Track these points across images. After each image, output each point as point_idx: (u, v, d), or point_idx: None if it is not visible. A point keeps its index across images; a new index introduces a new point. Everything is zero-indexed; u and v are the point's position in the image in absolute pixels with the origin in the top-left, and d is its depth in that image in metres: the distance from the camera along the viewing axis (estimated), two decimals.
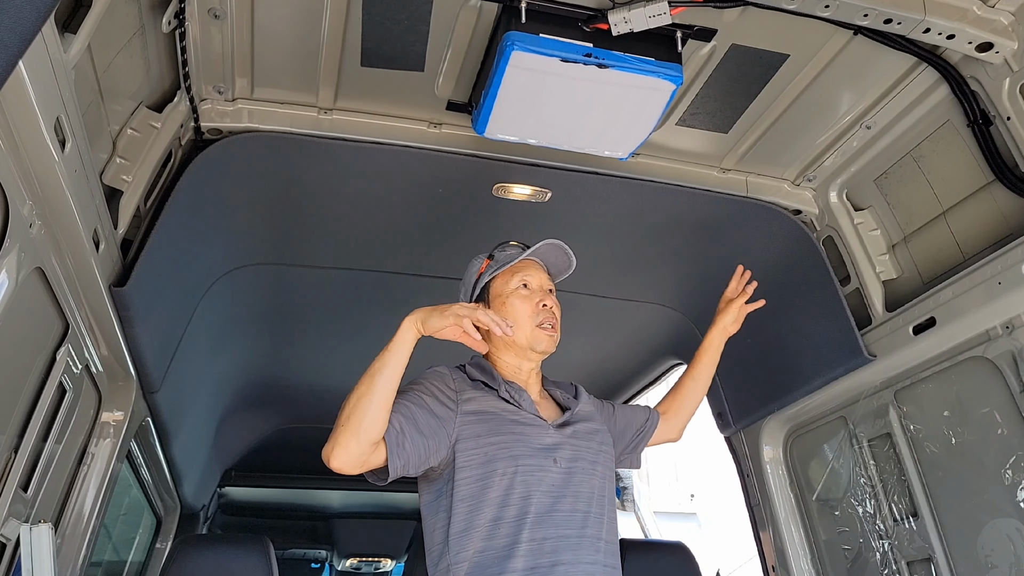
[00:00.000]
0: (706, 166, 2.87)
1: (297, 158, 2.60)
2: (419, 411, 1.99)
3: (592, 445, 2.18)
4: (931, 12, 2.06)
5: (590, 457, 2.14)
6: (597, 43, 2.10)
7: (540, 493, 2.01)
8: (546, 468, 2.04)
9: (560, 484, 2.04)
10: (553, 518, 2.00)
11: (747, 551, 4.21)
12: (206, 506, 5.32)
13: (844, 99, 2.54)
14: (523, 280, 2.23)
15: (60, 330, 2.14)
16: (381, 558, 6.74)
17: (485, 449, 2.01)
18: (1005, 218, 2.37)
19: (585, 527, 2.03)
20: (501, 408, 2.09)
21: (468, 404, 2.08)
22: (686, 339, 3.90)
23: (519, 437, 2.05)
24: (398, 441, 1.92)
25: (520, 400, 2.13)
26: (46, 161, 1.67)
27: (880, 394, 2.91)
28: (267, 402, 4.95)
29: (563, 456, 2.08)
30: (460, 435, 2.02)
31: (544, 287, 2.26)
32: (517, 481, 1.99)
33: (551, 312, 2.21)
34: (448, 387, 2.11)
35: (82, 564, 2.67)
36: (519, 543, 1.94)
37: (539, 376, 2.31)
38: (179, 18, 2.05)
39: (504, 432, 2.04)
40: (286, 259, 3.25)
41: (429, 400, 2.04)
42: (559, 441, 2.10)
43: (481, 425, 2.04)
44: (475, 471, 2.00)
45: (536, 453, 2.04)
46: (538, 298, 2.21)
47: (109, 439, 2.74)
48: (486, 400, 2.11)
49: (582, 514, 2.04)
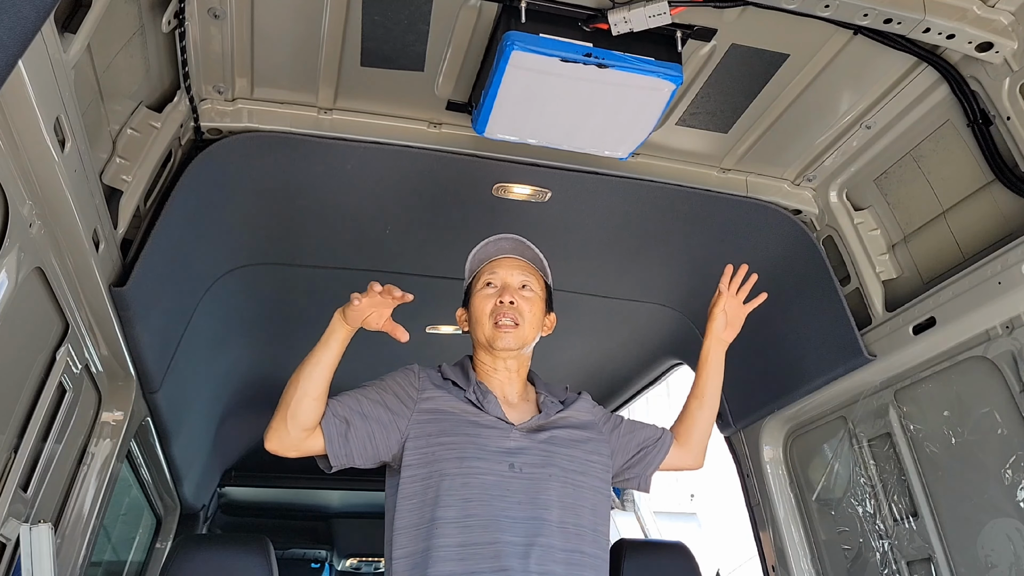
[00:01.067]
0: (706, 166, 2.87)
1: (297, 158, 2.60)
2: (371, 405, 2.05)
3: (575, 453, 2.11)
4: (931, 12, 2.06)
5: (565, 464, 2.07)
6: (597, 43, 2.10)
7: (489, 497, 1.97)
8: (498, 472, 2.00)
9: (515, 489, 2.00)
10: (499, 523, 1.96)
11: (747, 551, 4.21)
12: (206, 506, 5.32)
13: (844, 99, 2.54)
14: (487, 279, 2.23)
15: (60, 330, 2.14)
16: (381, 558, 6.74)
17: (433, 449, 2.02)
18: (1005, 218, 2.37)
19: (539, 535, 1.96)
20: (461, 409, 2.09)
21: (426, 403, 2.09)
22: (686, 339, 3.90)
23: (472, 439, 2.03)
24: (341, 432, 1.99)
25: (484, 402, 2.10)
26: (46, 161, 1.67)
27: (880, 394, 2.91)
28: (267, 402, 4.92)
29: (525, 461, 2.03)
30: (411, 433, 2.04)
31: (511, 284, 2.21)
32: (458, 483, 1.98)
33: (511, 308, 2.16)
34: (411, 384, 2.12)
35: (82, 564, 2.68)
36: (459, 545, 1.93)
37: (521, 377, 2.24)
38: (179, 18, 2.05)
39: (457, 433, 2.04)
40: (286, 259, 3.25)
41: (386, 395, 2.08)
42: (524, 446, 2.06)
43: (433, 425, 2.05)
44: (419, 470, 2.01)
45: (489, 456, 2.02)
46: (498, 296, 2.19)
47: (109, 439, 2.74)
48: (447, 400, 2.11)
49: (539, 521, 1.98)
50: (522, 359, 2.23)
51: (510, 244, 2.28)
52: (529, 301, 2.20)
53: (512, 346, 2.15)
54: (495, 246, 2.28)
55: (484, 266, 2.26)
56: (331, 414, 2.01)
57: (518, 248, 2.28)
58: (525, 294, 2.20)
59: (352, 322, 2.00)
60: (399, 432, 2.04)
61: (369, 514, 6.66)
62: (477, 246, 2.30)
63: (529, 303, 2.20)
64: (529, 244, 2.29)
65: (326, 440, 2.00)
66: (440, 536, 1.94)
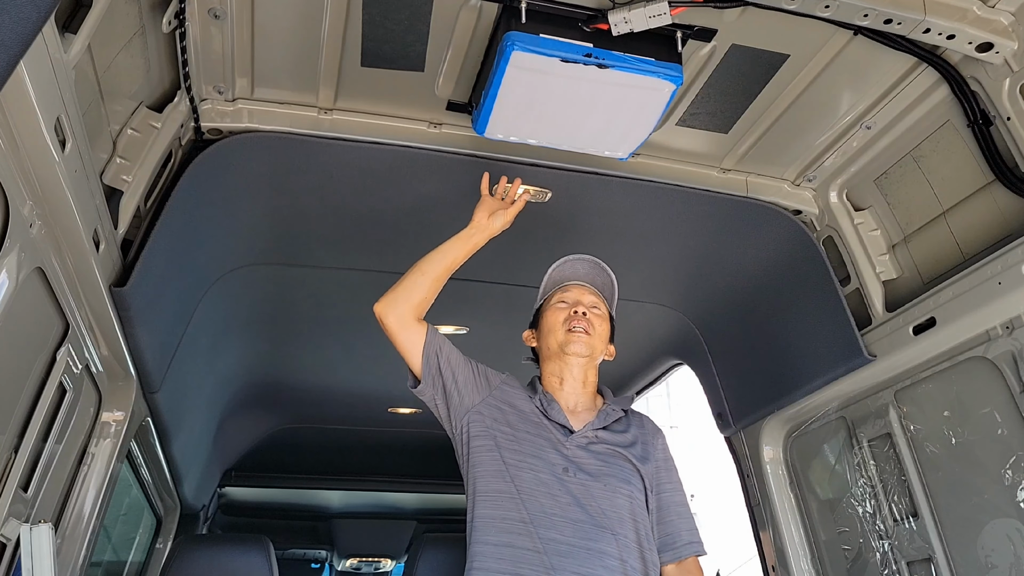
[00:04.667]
0: (706, 166, 2.87)
1: (297, 158, 2.60)
2: (465, 362, 2.32)
3: (627, 466, 2.22)
4: (931, 12, 2.06)
5: (621, 476, 2.19)
6: (597, 43, 2.11)
7: (538, 494, 2.10)
8: (551, 471, 2.13)
9: (570, 493, 2.11)
10: (553, 520, 2.07)
11: (747, 551, 4.21)
12: (206, 506, 5.32)
13: (844, 99, 2.54)
14: (561, 298, 2.43)
15: (60, 330, 2.14)
16: (381, 558, 6.74)
17: (494, 433, 2.21)
18: (1005, 218, 2.37)
19: (595, 541, 2.07)
20: (529, 409, 2.27)
21: (502, 393, 2.31)
22: (686, 339, 3.90)
23: (532, 436, 2.20)
24: (439, 346, 2.26)
25: (548, 408, 2.26)
26: (46, 161, 1.67)
27: (880, 394, 2.91)
28: (267, 402, 4.95)
29: (580, 468, 2.16)
30: (478, 409, 2.26)
31: (584, 301, 2.39)
32: (511, 475, 2.13)
33: (583, 318, 2.33)
34: (496, 375, 2.37)
35: (82, 564, 2.67)
36: (525, 523, 2.08)
37: (588, 389, 2.37)
38: (179, 18, 2.05)
39: (518, 428, 2.22)
40: (286, 259, 3.25)
41: (475, 369, 2.34)
42: (580, 454, 2.19)
43: (499, 412, 2.26)
44: (485, 441, 2.21)
45: (545, 455, 2.16)
46: (571, 308, 2.38)
47: (109, 439, 2.74)
48: (519, 398, 2.31)
49: (595, 527, 2.08)
50: (590, 368, 2.38)
51: (585, 269, 2.46)
52: (600, 318, 2.39)
53: (583, 352, 2.31)
54: (571, 268, 2.47)
55: (556, 289, 2.47)
56: (438, 338, 2.27)
57: (591, 274, 2.48)
58: (597, 312, 2.39)
59: (479, 220, 2.36)
60: (471, 401, 2.26)
61: (369, 514, 6.67)
62: (554, 265, 2.49)
63: (600, 320, 2.39)
64: (604, 267, 2.48)
65: (424, 355, 2.23)
66: (501, 508, 2.13)
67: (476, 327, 3.98)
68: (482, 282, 3.30)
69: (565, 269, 2.49)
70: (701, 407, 4.19)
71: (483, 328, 3.95)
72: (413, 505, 6.61)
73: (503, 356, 2.99)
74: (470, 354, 2.40)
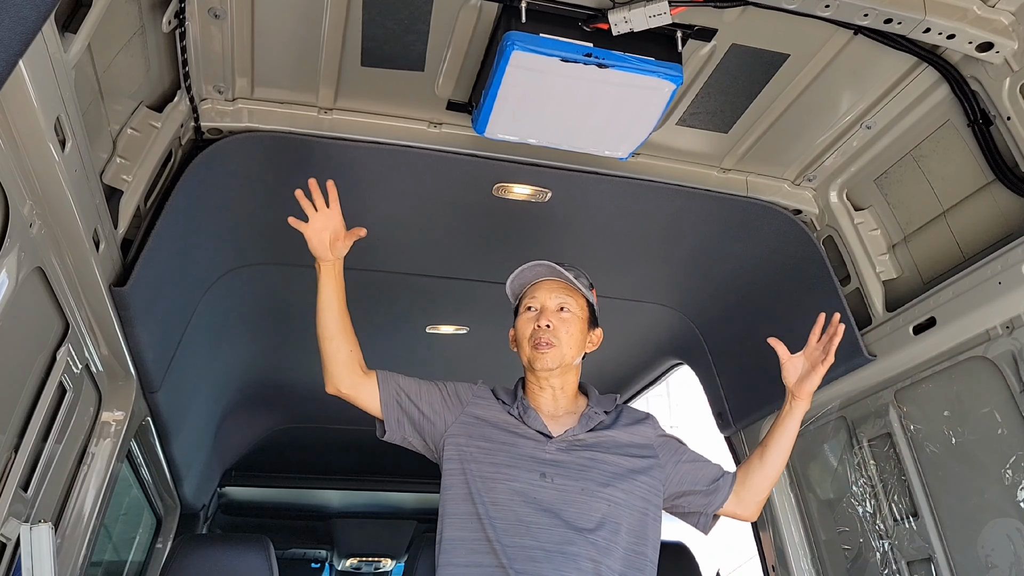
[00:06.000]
0: (706, 166, 2.87)
1: (297, 158, 2.60)
2: (428, 388, 2.28)
3: (617, 471, 2.19)
4: (931, 12, 2.06)
5: (603, 480, 2.16)
6: (597, 43, 2.11)
7: (512, 502, 2.11)
8: (527, 480, 2.13)
9: (547, 499, 2.11)
10: (529, 528, 2.09)
11: (747, 551, 4.21)
12: (206, 506, 5.32)
13: (844, 99, 2.53)
14: (528, 303, 2.33)
15: (60, 330, 2.14)
16: (381, 558, 6.74)
17: (470, 449, 2.19)
18: (1005, 218, 2.37)
19: (570, 544, 2.07)
20: (504, 420, 2.25)
21: (474, 409, 2.28)
22: (686, 339, 3.90)
23: (507, 447, 2.18)
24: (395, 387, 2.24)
25: (525, 416, 2.24)
26: (46, 161, 1.67)
27: (880, 394, 2.91)
28: (267, 402, 4.95)
29: (558, 473, 2.15)
30: (453, 431, 2.23)
31: (548, 305, 2.29)
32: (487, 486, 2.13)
33: (547, 330, 2.25)
34: (467, 390, 2.32)
35: (82, 564, 2.67)
36: (489, 540, 2.08)
37: (567, 394, 2.32)
38: (179, 18, 2.05)
39: (494, 440, 2.20)
40: (286, 259, 3.25)
41: (444, 389, 2.30)
42: (560, 459, 2.17)
43: (475, 428, 2.23)
44: (455, 465, 2.19)
45: (521, 463, 2.15)
46: (536, 320, 2.29)
47: (109, 439, 2.74)
48: (493, 411, 2.28)
49: (571, 531, 2.08)
50: (566, 377, 2.31)
51: (545, 268, 2.35)
52: (567, 322, 2.29)
53: (550, 365, 2.25)
54: (532, 271, 2.35)
55: (526, 290, 2.36)
56: (390, 380, 2.25)
57: (553, 271, 2.33)
58: (563, 315, 2.29)
59: (319, 253, 2.22)
60: (444, 423, 2.24)
61: (369, 514, 6.66)
62: (513, 273, 2.38)
63: (567, 324, 2.28)
64: (562, 270, 2.31)
65: (382, 403, 2.22)
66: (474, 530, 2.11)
67: (476, 327, 3.98)
68: (482, 282, 3.30)
69: (526, 274, 2.35)
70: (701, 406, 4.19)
71: (483, 328, 3.95)
72: (413, 505, 6.61)
73: (503, 356, 2.99)
74: (470, 354, 2.39)
